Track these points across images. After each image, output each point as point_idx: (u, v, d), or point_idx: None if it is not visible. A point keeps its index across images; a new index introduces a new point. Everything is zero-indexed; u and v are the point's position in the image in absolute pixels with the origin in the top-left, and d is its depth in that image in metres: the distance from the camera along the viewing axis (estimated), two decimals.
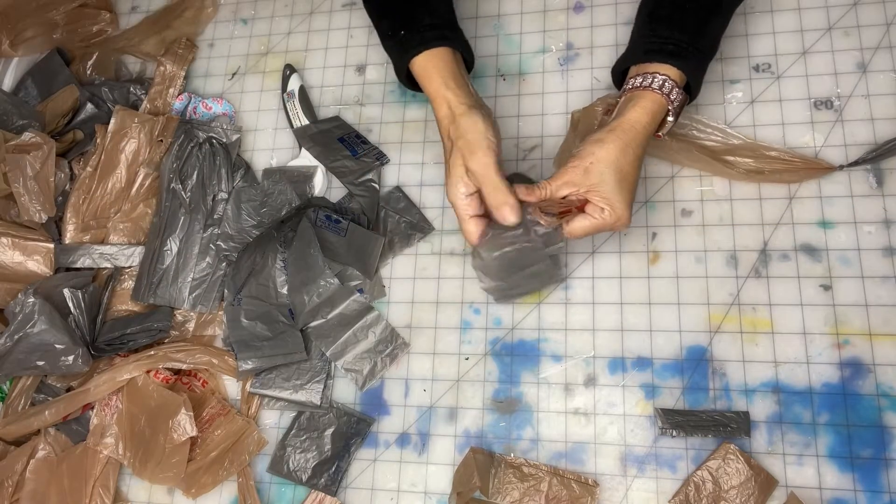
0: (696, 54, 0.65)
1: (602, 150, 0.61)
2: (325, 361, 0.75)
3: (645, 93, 0.63)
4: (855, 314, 0.66)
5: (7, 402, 0.78)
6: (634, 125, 0.62)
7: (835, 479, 0.62)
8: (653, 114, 0.63)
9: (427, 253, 0.77)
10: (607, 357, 0.70)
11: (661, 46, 0.64)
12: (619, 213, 0.62)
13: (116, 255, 0.83)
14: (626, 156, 0.61)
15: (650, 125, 0.63)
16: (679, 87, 0.63)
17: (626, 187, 0.62)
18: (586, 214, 0.63)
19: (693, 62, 0.64)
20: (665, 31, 0.65)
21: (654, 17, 0.66)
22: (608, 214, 0.62)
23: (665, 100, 0.63)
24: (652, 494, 0.65)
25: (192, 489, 0.72)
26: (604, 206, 0.62)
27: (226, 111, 0.89)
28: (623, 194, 0.61)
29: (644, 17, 0.68)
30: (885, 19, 0.74)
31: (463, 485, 0.66)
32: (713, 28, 0.67)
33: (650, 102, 0.63)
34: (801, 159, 0.70)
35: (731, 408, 0.65)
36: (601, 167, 0.61)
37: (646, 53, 0.65)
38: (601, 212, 0.62)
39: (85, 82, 0.93)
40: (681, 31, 0.64)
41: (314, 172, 0.82)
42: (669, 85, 0.63)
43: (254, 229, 0.80)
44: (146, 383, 0.74)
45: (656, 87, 0.63)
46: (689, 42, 0.64)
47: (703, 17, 0.65)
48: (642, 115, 0.62)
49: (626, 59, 0.68)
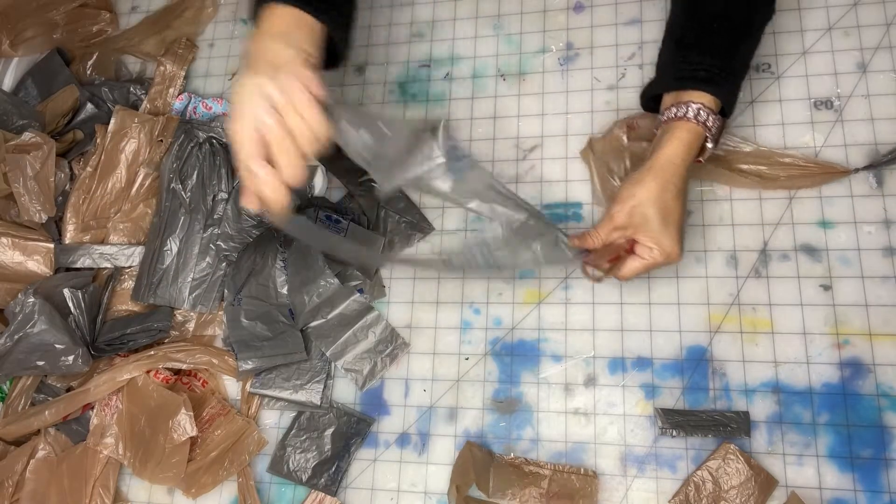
0: (728, 78, 0.64)
1: (643, 191, 0.61)
2: (325, 361, 0.75)
3: (680, 123, 0.62)
4: (855, 314, 0.66)
5: (7, 402, 0.78)
6: (672, 160, 0.62)
7: (835, 479, 0.62)
8: (689, 144, 0.62)
9: (427, 253, 0.77)
10: (607, 357, 0.70)
11: (693, 73, 0.63)
12: (669, 249, 0.62)
13: (116, 255, 0.83)
14: (667, 192, 0.61)
15: (688, 156, 0.63)
16: (714, 113, 0.62)
17: (671, 223, 0.62)
18: (636, 256, 0.63)
19: (726, 86, 0.64)
20: (696, 57, 0.64)
21: (683, 44, 0.65)
22: (657, 253, 0.62)
23: (701, 128, 0.62)
24: (652, 494, 0.65)
25: (192, 489, 0.72)
26: (652, 246, 0.62)
27: (226, 111, 0.89)
28: (669, 230, 0.61)
29: (672, 44, 0.67)
30: (885, 19, 0.74)
31: (461, 478, 0.66)
32: (743, 50, 0.66)
33: (686, 133, 0.62)
34: (816, 164, 0.69)
35: (731, 408, 0.65)
36: (643, 208, 0.61)
37: (677, 80, 0.64)
38: (650, 251, 0.62)
39: (85, 82, 0.93)
40: (712, 55, 0.63)
41: (314, 172, 0.82)
42: (704, 113, 0.62)
43: (254, 229, 0.80)
44: (146, 383, 0.74)
45: (691, 117, 0.62)
46: (720, 66, 0.63)
47: (733, 39, 0.64)
48: (679, 148, 0.62)
49: (656, 86, 0.68)
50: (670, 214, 0.62)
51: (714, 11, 0.64)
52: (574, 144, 0.77)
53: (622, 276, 0.64)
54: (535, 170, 0.77)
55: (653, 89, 0.68)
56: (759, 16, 0.66)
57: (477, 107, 0.81)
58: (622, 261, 0.64)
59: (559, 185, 0.76)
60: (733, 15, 0.64)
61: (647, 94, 0.69)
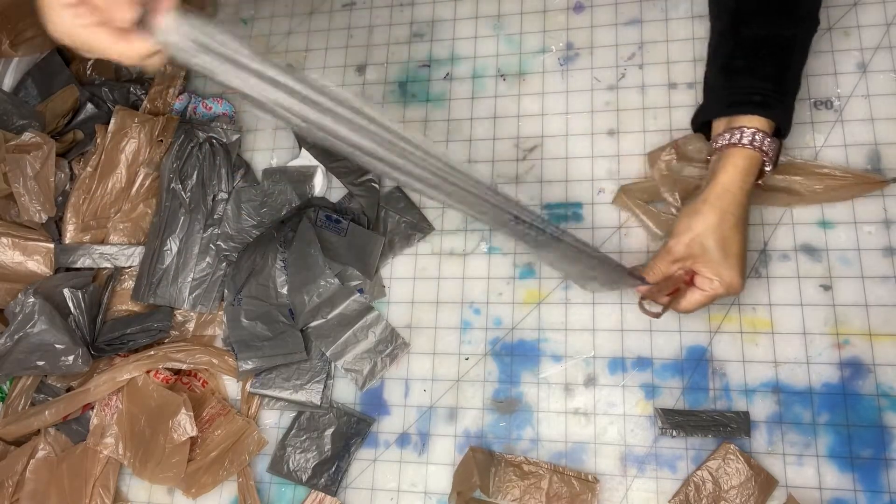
0: (782, 98, 0.62)
1: (700, 222, 0.60)
2: (325, 361, 0.75)
3: (735, 150, 0.61)
4: (855, 314, 0.66)
5: (7, 402, 0.78)
6: (729, 188, 0.61)
7: (835, 479, 0.62)
8: (746, 170, 0.61)
9: (427, 253, 0.77)
10: (607, 357, 0.70)
11: (747, 98, 0.62)
12: (729, 280, 0.61)
13: (116, 255, 0.83)
14: (725, 222, 0.60)
15: (745, 183, 0.61)
16: (769, 136, 0.61)
17: (732, 254, 0.61)
18: (696, 288, 0.62)
19: (780, 108, 0.62)
20: (745, 82, 0.62)
21: (731, 69, 0.63)
22: (718, 284, 0.61)
23: (758, 153, 0.61)
24: (652, 494, 0.65)
25: (192, 489, 0.72)
26: (712, 277, 0.61)
27: (226, 111, 0.89)
28: (729, 261, 0.60)
29: (718, 69, 0.65)
30: (885, 19, 0.74)
31: (463, 484, 0.66)
32: (794, 68, 0.63)
33: (742, 159, 0.61)
34: (854, 175, 0.68)
35: (731, 408, 0.65)
36: (702, 239, 0.60)
37: (730, 106, 0.63)
38: (710, 283, 0.61)
39: (85, 82, 0.93)
40: (762, 79, 0.62)
41: (314, 172, 0.82)
42: (760, 137, 0.60)
43: (254, 229, 0.80)
44: (146, 383, 0.74)
45: (747, 143, 0.60)
46: (773, 89, 0.61)
47: (782, 59, 0.62)
48: (735, 175, 0.61)
49: (708, 111, 0.66)
50: (730, 245, 0.60)
51: (758, 35, 0.63)
52: (574, 144, 0.77)
53: (683, 308, 0.63)
54: (535, 170, 0.77)
55: (704, 115, 0.67)
56: (803, 32, 0.64)
57: (477, 107, 0.81)
58: (681, 293, 0.63)
59: (559, 185, 0.76)
60: (778, 36, 0.62)
61: (699, 121, 0.68)
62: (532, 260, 0.74)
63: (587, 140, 0.77)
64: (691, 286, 0.63)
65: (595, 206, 0.74)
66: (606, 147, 0.76)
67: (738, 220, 0.61)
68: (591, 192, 0.75)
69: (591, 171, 0.76)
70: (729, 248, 0.60)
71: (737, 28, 0.64)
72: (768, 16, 0.62)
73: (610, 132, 0.77)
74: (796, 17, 0.63)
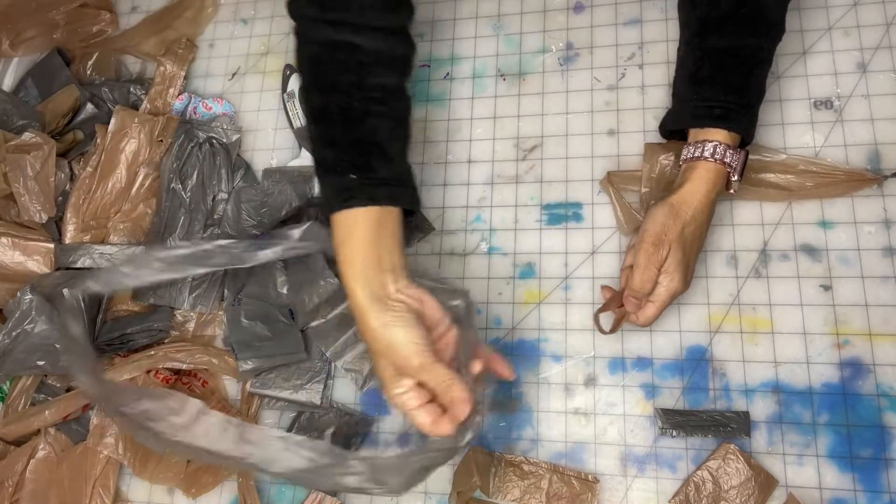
0: (744, 111, 0.63)
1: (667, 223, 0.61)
2: (325, 361, 0.75)
3: (698, 163, 0.62)
4: (855, 314, 0.66)
5: (7, 402, 0.78)
6: (694, 196, 0.62)
7: (835, 479, 0.62)
8: (710, 181, 0.62)
9: (427, 253, 0.77)
10: (607, 357, 0.70)
11: (708, 111, 0.63)
12: (677, 288, 0.61)
13: (116, 255, 0.83)
14: (687, 227, 0.61)
15: (711, 192, 0.62)
16: (730, 147, 0.62)
17: (687, 262, 0.62)
18: (648, 302, 0.62)
19: (743, 120, 0.63)
20: (708, 93, 0.63)
21: (697, 79, 0.64)
22: (664, 291, 0.61)
23: (720, 165, 0.62)
24: (652, 494, 0.65)
25: (192, 489, 0.72)
26: (664, 285, 0.61)
27: (226, 111, 0.89)
28: (682, 268, 0.61)
29: (685, 78, 0.66)
30: (885, 19, 0.74)
31: (463, 484, 0.66)
32: (757, 78, 0.64)
33: (706, 171, 0.62)
34: (845, 172, 0.68)
35: (731, 408, 0.65)
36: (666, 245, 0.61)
37: (693, 118, 0.64)
38: (659, 289, 0.62)
39: (85, 82, 0.93)
40: (725, 91, 0.62)
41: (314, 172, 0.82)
42: (721, 150, 0.61)
43: (254, 229, 0.80)
44: (146, 383, 0.74)
45: (709, 157, 0.61)
46: (735, 101, 0.62)
47: (746, 70, 0.63)
48: (701, 186, 0.62)
49: (673, 121, 0.67)
50: (688, 253, 0.62)
51: (722, 46, 0.63)
52: (574, 144, 0.77)
53: (644, 322, 0.63)
54: (535, 170, 0.77)
55: (671, 124, 0.68)
56: (768, 41, 0.64)
57: (477, 107, 0.81)
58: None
59: (559, 185, 0.76)
60: (745, 46, 0.63)
61: (665, 130, 0.69)
62: (532, 260, 0.74)
63: (587, 140, 0.77)
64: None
65: (595, 206, 0.74)
66: (606, 147, 0.76)
67: (697, 230, 0.62)
68: (591, 192, 0.75)
69: (591, 171, 0.76)
70: (687, 256, 0.61)
71: (704, 37, 0.64)
72: (736, 25, 0.63)
73: (610, 132, 0.77)
74: (763, 27, 0.63)
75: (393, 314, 0.54)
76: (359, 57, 0.59)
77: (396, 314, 0.54)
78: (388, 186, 0.59)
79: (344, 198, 0.58)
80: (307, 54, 0.61)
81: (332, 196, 0.59)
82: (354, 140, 0.60)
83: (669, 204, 0.62)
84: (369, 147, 0.59)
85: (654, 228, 0.61)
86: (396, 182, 0.60)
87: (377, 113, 0.60)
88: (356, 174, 0.58)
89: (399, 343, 0.53)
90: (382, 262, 0.56)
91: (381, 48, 0.60)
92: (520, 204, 0.76)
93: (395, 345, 0.53)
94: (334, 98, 0.60)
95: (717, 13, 0.63)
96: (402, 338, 0.53)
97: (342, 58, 0.59)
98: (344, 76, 0.59)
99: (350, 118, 0.59)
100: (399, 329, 0.53)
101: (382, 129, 0.60)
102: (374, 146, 0.60)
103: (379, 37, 0.60)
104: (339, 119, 0.60)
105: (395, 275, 0.56)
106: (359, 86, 0.59)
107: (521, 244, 0.75)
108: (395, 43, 0.61)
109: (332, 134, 0.60)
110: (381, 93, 0.60)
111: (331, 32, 0.59)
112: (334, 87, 0.60)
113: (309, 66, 0.61)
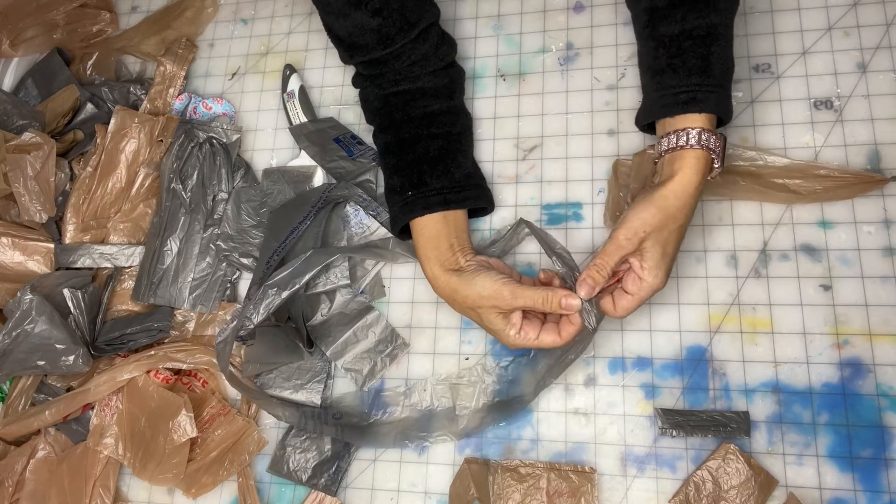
0: (712, 89, 0.61)
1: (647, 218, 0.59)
2: (325, 361, 0.75)
3: (685, 152, 0.60)
4: (855, 314, 0.66)
5: (7, 402, 0.78)
6: (686, 188, 0.60)
7: (835, 479, 0.62)
8: (700, 171, 0.60)
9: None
10: (607, 357, 0.70)
11: (675, 98, 0.61)
12: (658, 283, 0.60)
13: (116, 255, 0.83)
14: (674, 222, 0.60)
15: (699, 184, 0.60)
16: (710, 131, 0.60)
17: (668, 256, 0.60)
18: (625, 293, 0.61)
19: (713, 99, 0.61)
20: (671, 81, 0.62)
21: (656, 70, 0.63)
22: (645, 286, 0.59)
23: (702, 151, 0.60)
24: (652, 494, 0.65)
25: (192, 489, 0.72)
26: (643, 279, 0.59)
27: (226, 111, 0.89)
28: (663, 262, 0.60)
29: (646, 72, 0.65)
30: (885, 19, 0.74)
31: (459, 498, 0.66)
32: (718, 55, 0.62)
33: (694, 160, 0.60)
34: (852, 175, 0.68)
35: (731, 408, 0.65)
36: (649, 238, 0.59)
37: (663, 108, 0.62)
38: (639, 284, 0.60)
39: (85, 82, 0.93)
40: (687, 74, 0.61)
41: (314, 172, 0.82)
42: (697, 135, 0.60)
43: (253, 229, 0.81)
44: (146, 383, 0.74)
45: (694, 144, 0.60)
46: (699, 82, 0.61)
47: (705, 51, 0.61)
48: (693, 177, 0.60)
49: (646, 115, 0.66)
50: (668, 247, 0.60)
51: (674, 32, 0.62)
52: (574, 144, 0.77)
53: (620, 314, 0.61)
54: (535, 170, 0.77)
55: (645, 118, 0.67)
56: (719, 16, 0.62)
57: (477, 107, 0.81)
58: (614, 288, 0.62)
59: (559, 185, 0.76)
60: (695, 27, 0.61)
61: (640, 124, 0.68)
62: (532, 260, 0.74)
63: (587, 140, 0.77)
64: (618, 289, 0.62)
65: (595, 206, 0.74)
66: (606, 147, 0.76)
67: (681, 224, 0.60)
68: (591, 192, 0.75)
69: (591, 171, 0.76)
70: (667, 250, 0.60)
71: (655, 27, 0.63)
72: (682, 9, 0.62)
73: (610, 132, 0.77)
74: (710, 3, 0.62)
75: (470, 272, 0.65)
76: (406, 97, 0.72)
77: (473, 270, 0.65)
78: (441, 195, 0.69)
79: (405, 212, 0.69)
80: (369, 108, 0.75)
81: (398, 213, 0.70)
82: (409, 162, 0.71)
83: (659, 197, 0.60)
84: (421, 166, 0.70)
85: (632, 224, 0.59)
86: (450, 189, 0.70)
87: (427, 136, 0.71)
88: (412, 191, 0.69)
89: (485, 285, 0.62)
90: (452, 247, 0.67)
91: (424, 86, 0.72)
92: (520, 204, 0.76)
93: (484, 289, 0.62)
94: (391, 134, 0.72)
95: (663, 1, 0.62)
96: (485, 280, 0.63)
97: (394, 101, 0.72)
98: (396, 114, 0.72)
99: (404, 147, 0.71)
100: (479, 276, 0.63)
101: (432, 148, 0.71)
102: (425, 164, 0.70)
103: (423, 77, 0.72)
104: (396, 150, 0.72)
105: (463, 252, 0.67)
106: (408, 119, 0.72)
107: (521, 244, 0.75)
108: (437, 78, 0.73)
109: (394, 163, 0.72)
110: (429, 119, 0.72)
111: (386, 90, 0.73)
112: (391, 125, 0.73)
113: (371, 115, 0.75)
